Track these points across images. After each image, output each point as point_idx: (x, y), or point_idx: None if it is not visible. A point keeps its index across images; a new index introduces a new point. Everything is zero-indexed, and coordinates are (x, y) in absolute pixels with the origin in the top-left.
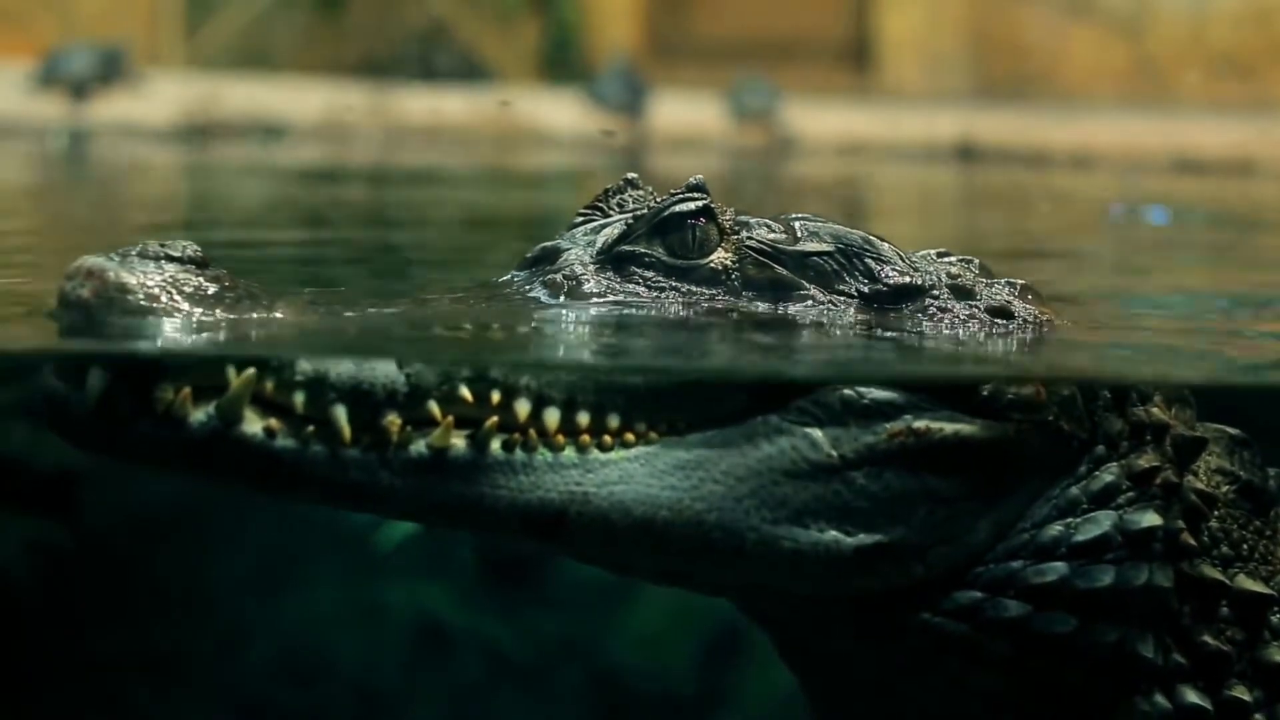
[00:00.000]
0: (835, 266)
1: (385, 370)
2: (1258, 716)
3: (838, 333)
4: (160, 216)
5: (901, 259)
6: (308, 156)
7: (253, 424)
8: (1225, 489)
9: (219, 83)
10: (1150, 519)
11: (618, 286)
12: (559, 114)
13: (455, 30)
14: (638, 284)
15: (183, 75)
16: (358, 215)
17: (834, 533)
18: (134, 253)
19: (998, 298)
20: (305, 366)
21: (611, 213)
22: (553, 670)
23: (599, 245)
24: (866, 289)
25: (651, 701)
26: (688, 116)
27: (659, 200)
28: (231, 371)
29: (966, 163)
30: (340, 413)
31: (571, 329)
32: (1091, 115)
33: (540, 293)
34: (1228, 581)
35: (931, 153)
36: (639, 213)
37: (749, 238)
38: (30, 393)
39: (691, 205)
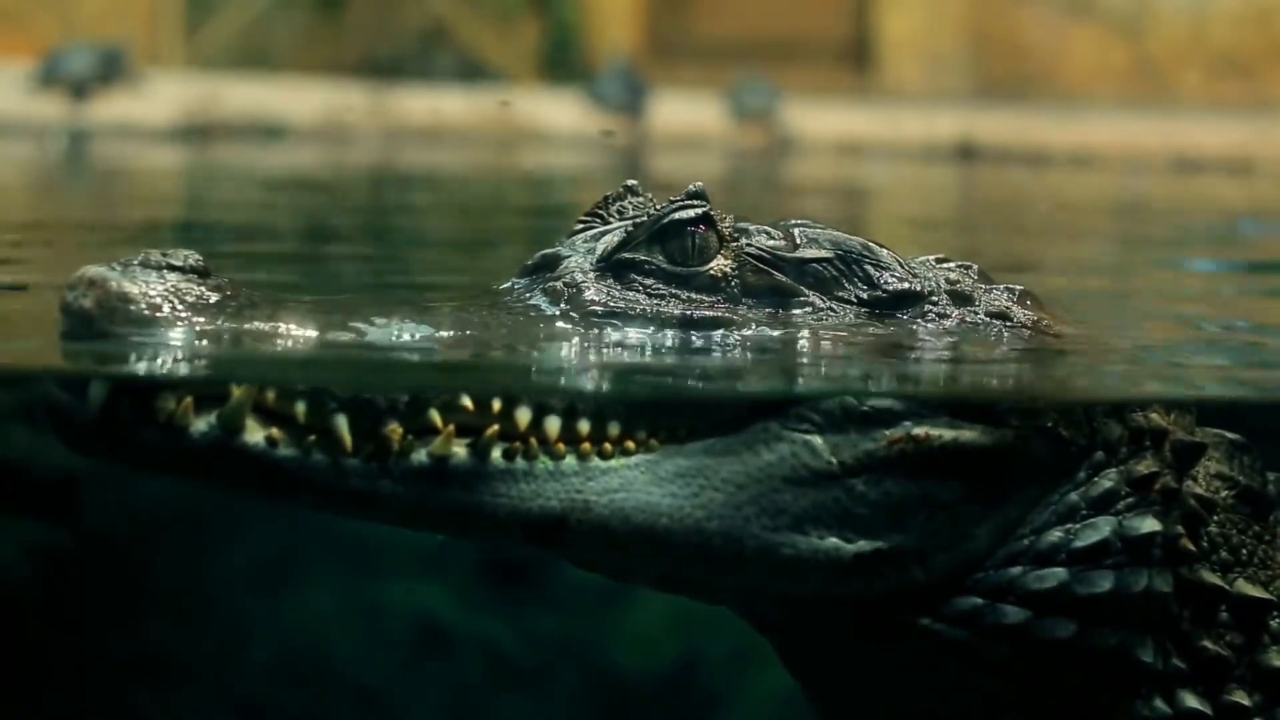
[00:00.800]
0: (834, 273)
1: None
2: None
3: (837, 340)
4: (159, 218)
5: (900, 265)
6: (307, 157)
7: (254, 433)
8: (1224, 494)
9: (219, 83)
10: (1149, 524)
11: (617, 294)
12: (559, 114)
13: (455, 30)
14: (637, 291)
15: (183, 75)
16: (359, 218)
17: (834, 539)
18: (136, 262)
19: (997, 303)
20: None
21: (611, 219)
22: (553, 670)
23: (599, 252)
24: (865, 295)
25: (651, 701)
26: (688, 116)
27: (659, 207)
28: (232, 381)
29: (966, 162)
30: (341, 422)
31: (571, 338)
32: (1091, 115)
33: (540, 300)
34: (1227, 586)
35: (931, 153)
36: (639, 220)
37: (748, 245)
38: (31, 397)
39: (691, 212)
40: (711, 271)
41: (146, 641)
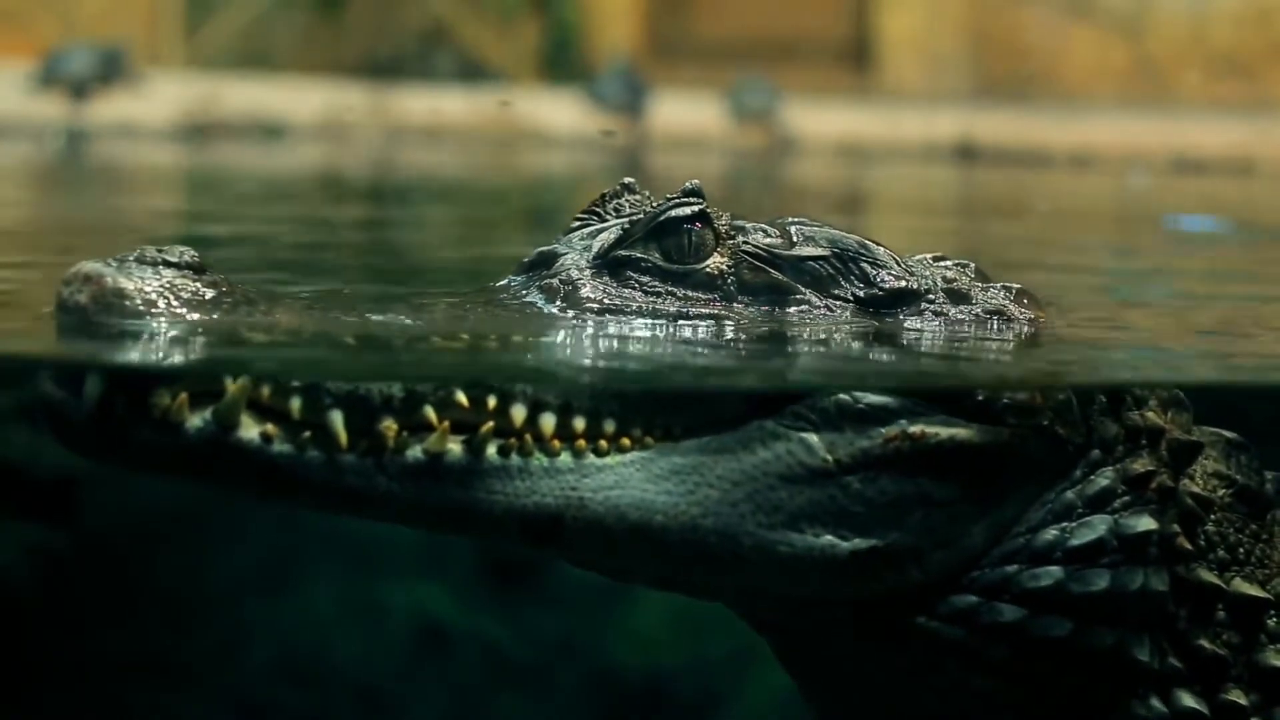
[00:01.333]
0: (831, 271)
1: None
2: None
3: (833, 338)
4: (158, 218)
5: (897, 263)
6: (307, 157)
7: (249, 429)
8: (1222, 493)
9: (219, 83)
10: (1145, 523)
11: (614, 291)
12: (559, 114)
13: (455, 30)
14: (634, 289)
15: (183, 75)
16: (357, 217)
17: (830, 537)
18: (131, 258)
19: (994, 302)
20: None
21: (608, 217)
22: (553, 670)
23: (595, 250)
24: (862, 293)
25: (651, 702)
26: (688, 117)
27: (655, 205)
28: (228, 377)
29: (966, 163)
30: (336, 418)
31: (567, 335)
32: (1091, 115)
33: (537, 298)
34: (1224, 585)
35: (931, 153)
36: (635, 217)
37: (745, 242)
38: (29, 397)
39: (687, 210)
40: (708, 269)
41: (146, 641)
